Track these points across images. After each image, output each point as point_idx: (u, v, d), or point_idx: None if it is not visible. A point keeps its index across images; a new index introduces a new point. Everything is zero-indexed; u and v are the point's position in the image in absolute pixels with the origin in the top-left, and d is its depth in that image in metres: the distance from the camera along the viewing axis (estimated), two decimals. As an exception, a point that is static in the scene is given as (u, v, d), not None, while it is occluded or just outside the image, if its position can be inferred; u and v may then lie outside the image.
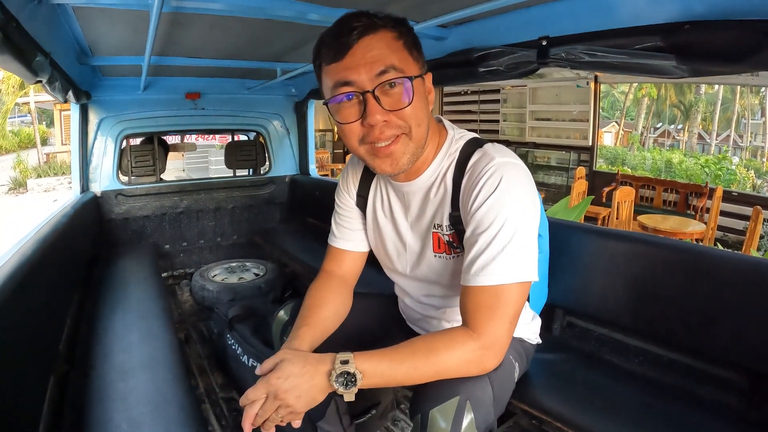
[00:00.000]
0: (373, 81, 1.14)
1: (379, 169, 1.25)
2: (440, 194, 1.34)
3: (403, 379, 1.12)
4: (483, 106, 11.79)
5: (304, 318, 1.40)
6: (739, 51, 1.40)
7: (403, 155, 1.22)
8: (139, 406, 1.58)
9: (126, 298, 2.55)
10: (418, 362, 1.11)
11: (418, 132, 1.21)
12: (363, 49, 1.14)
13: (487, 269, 1.14)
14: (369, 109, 1.15)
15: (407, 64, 1.17)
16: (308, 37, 2.56)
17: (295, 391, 1.08)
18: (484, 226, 1.17)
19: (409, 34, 1.22)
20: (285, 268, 4.13)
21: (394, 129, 1.18)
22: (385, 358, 1.11)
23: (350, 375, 1.08)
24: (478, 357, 1.13)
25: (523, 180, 1.21)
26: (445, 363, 1.12)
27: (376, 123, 1.16)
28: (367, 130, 1.18)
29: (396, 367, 1.11)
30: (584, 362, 1.96)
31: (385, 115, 1.16)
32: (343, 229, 1.59)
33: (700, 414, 1.59)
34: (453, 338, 1.14)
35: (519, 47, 2.00)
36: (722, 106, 25.96)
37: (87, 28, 2.27)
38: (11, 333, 1.41)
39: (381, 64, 1.13)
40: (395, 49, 1.16)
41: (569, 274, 2.07)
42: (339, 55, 1.15)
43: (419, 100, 1.19)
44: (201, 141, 16.04)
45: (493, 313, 1.14)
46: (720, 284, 1.68)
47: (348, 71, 1.15)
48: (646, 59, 1.62)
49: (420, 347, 1.14)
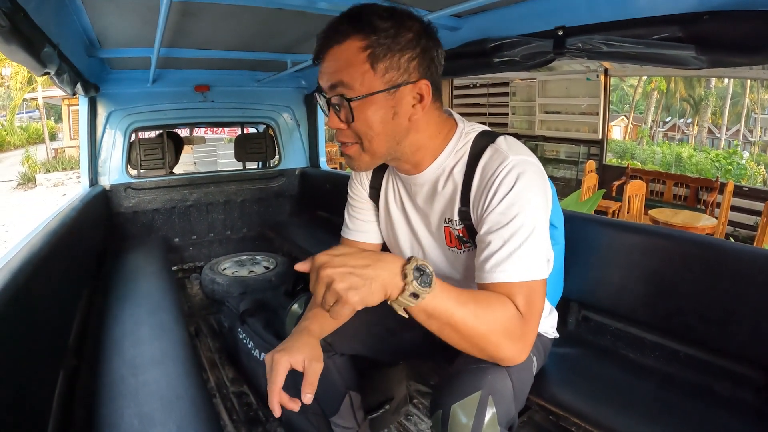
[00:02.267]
0: (329, 91, 1.21)
1: (347, 164, 1.33)
2: (449, 189, 1.32)
3: (459, 321, 1.03)
4: (492, 99, 11.80)
5: (315, 303, 1.38)
6: (758, 41, 1.39)
7: (358, 160, 1.28)
8: (151, 402, 1.57)
9: (136, 292, 2.54)
10: (478, 309, 1.05)
11: (370, 146, 1.23)
12: (328, 59, 1.19)
13: (506, 265, 1.13)
14: (329, 115, 1.23)
15: (362, 80, 1.15)
16: (318, 27, 2.50)
17: (348, 275, 0.94)
18: (500, 224, 1.15)
19: (384, 43, 1.15)
20: (295, 261, 4.10)
21: (347, 137, 1.25)
22: (453, 295, 1.03)
23: (426, 275, 0.98)
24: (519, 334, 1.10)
25: (539, 178, 1.20)
26: (496, 321, 1.06)
27: (334, 128, 1.24)
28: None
29: (459, 308, 1.03)
30: (600, 357, 1.94)
31: (339, 123, 1.23)
32: (356, 220, 1.58)
33: (716, 410, 1.57)
34: (506, 303, 1.10)
35: (534, 37, 1.97)
36: (732, 100, 25.82)
37: (95, 20, 2.26)
38: (21, 327, 1.39)
39: (333, 78, 1.18)
40: (353, 63, 1.15)
41: (585, 267, 2.04)
42: (317, 59, 1.23)
43: (374, 117, 1.18)
44: (210, 134, 16.08)
45: (530, 304, 1.12)
46: (739, 279, 1.65)
47: (320, 76, 1.23)
48: (664, 49, 1.61)
49: (480, 299, 1.08)
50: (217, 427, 1.63)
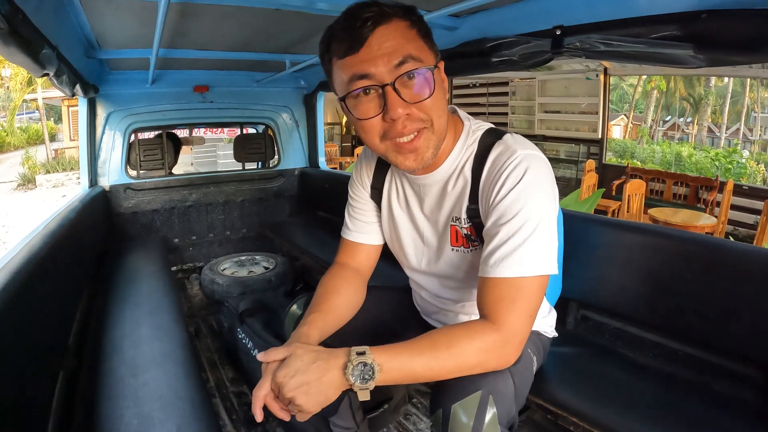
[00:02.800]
0: (392, 73, 1.09)
1: (402, 165, 1.21)
2: (459, 187, 1.31)
3: (422, 373, 1.07)
4: (492, 98, 11.78)
5: (315, 305, 1.38)
6: (756, 40, 1.38)
7: (427, 150, 1.18)
8: (150, 402, 1.57)
9: (136, 293, 2.55)
10: (438, 354, 1.06)
11: (439, 123, 1.17)
12: (378, 39, 1.08)
13: (507, 260, 1.12)
14: (390, 103, 1.10)
15: (424, 54, 1.13)
16: (317, 28, 2.52)
17: (304, 390, 1.01)
18: (507, 217, 1.15)
19: (421, 23, 1.17)
20: (295, 261, 4.13)
21: (416, 123, 1.14)
22: (404, 351, 1.06)
23: (367, 367, 1.01)
24: (499, 350, 1.10)
25: (546, 172, 1.19)
26: (465, 355, 1.07)
27: (399, 117, 1.11)
28: (389, 125, 1.14)
29: (415, 359, 1.06)
30: (598, 356, 1.94)
31: (407, 108, 1.11)
32: (357, 221, 1.57)
33: (716, 409, 1.57)
34: (473, 330, 1.10)
35: (533, 37, 1.97)
36: (732, 99, 25.83)
37: (94, 21, 2.26)
38: (21, 328, 1.40)
39: (399, 55, 1.08)
40: (410, 38, 1.12)
41: (584, 266, 2.05)
42: (354, 47, 1.10)
43: (439, 91, 1.15)
44: (209, 134, 16.08)
45: (514, 305, 1.11)
46: (738, 278, 1.66)
47: (365, 64, 1.09)
48: (662, 48, 1.60)
49: (439, 339, 1.09)
50: (217, 426, 1.63)
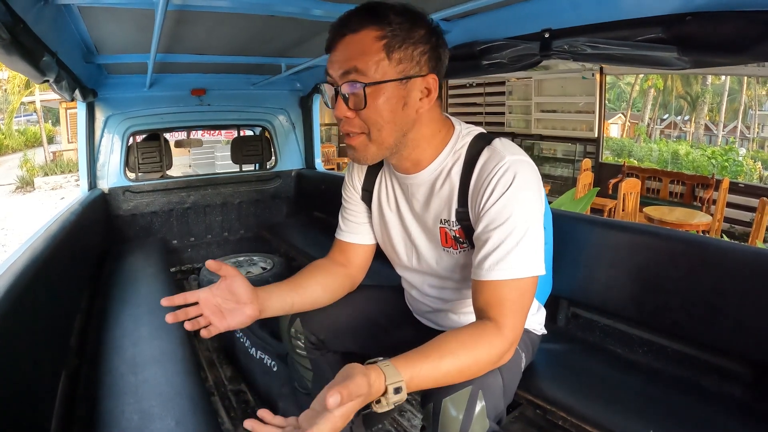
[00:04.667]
0: (340, 79, 1.20)
1: (349, 156, 1.33)
2: (446, 189, 1.34)
3: (444, 379, 1.09)
4: (488, 98, 11.78)
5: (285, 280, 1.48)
6: (741, 42, 1.40)
7: (363, 152, 1.28)
8: (150, 399, 1.60)
9: (135, 294, 2.57)
10: (457, 359, 1.08)
11: (378, 136, 1.24)
12: (341, 46, 1.20)
13: (503, 264, 1.16)
14: (336, 103, 1.23)
15: (375, 68, 1.17)
16: (312, 32, 2.57)
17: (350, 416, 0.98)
18: (498, 222, 1.19)
19: (399, 34, 1.19)
20: (292, 261, 4.14)
21: (353, 127, 1.24)
22: (427, 360, 1.06)
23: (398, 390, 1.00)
24: (504, 352, 1.15)
25: (534, 177, 1.23)
26: (479, 358, 1.10)
27: (340, 116, 1.24)
28: (339, 121, 1.26)
29: (438, 367, 1.06)
30: (589, 353, 1.98)
31: (347, 112, 1.23)
32: (350, 222, 1.61)
33: (704, 404, 1.60)
34: (481, 334, 1.13)
35: (522, 40, 2.00)
36: (729, 97, 25.76)
37: (93, 27, 2.29)
38: (24, 328, 1.43)
39: (346, 65, 1.18)
40: (368, 50, 1.17)
41: (573, 265, 2.08)
42: (328, 48, 1.24)
43: (384, 105, 1.20)
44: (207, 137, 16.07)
45: (511, 307, 1.16)
46: (723, 275, 1.69)
47: (329, 65, 1.23)
48: (648, 51, 1.63)
49: (453, 344, 1.11)
50: (215, 423, 1.66)
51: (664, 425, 1.46)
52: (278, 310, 1.42)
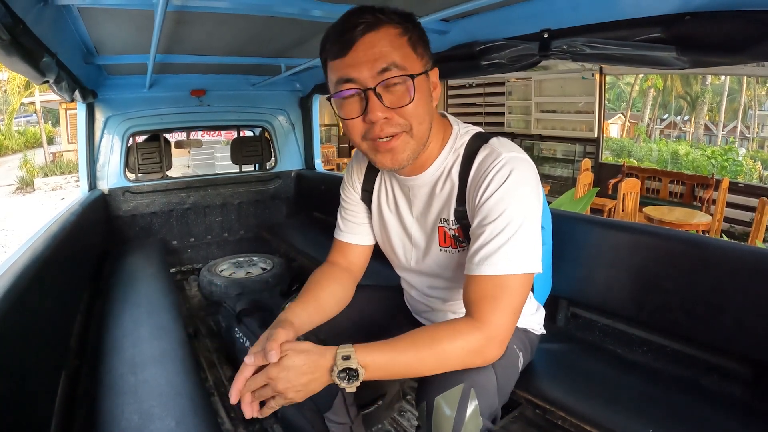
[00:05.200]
0: (375, 78, 1.14)
1: (380, 163, 1.26)
2: (446, 189, 1.35)
3: (406, 371, 1.13)
4: (488, 98, 11.78)
5: (299, 297, 1.43)
6: (739, 42, 1.40)
7: (403, 152, 1.23)
8: (150, 399, 1.61)
9: (135, 294, 2.58)
10: (421, 353, 1.11)
11: (419, 130, 1.22)
12: (365, 45, 1.14)
13: (492, 259, 1.16)
14: (370, 106, 1.15)
15: (410, 62, 1.17)
16: (312, 33, 2.57)
17: (294, 385, 1.07)
18: (491, 217, 1.19)
19: (415, 30, 1.21)
20: (292, 262, 4.15)
21: (394, 127, 1.19)
22: (387, 350, 1.11)
23: (352, 371, 1.07)
24: (481, 347, 1.14)
25: (531, 174, 1.23)
26: (448, 353, 1.12)
27: (377, 120, 1.17)
28: (369, 126, 1.19)
29: (398, 358, 1.11)
30: (588, 352, 1.97)
31: (386, 113, 1.17)
32: (349, 223, 1.61)
33: (704, 404, 1.60)
34: (456, 328, 1.15)
35: (521, 40, 2.00)
36: (729, 96, 25.75)
37: (92, 28, 2.29)
38: (24, 329, 1.43)
39: (383, 62, 1.13)
40: (398, 45, 1.16)
41: (573, 265, 2.08)
42: (342, 51, 1.15)
43: (422, 98, 1.19)
44: (207, 137, 16.08)
45: (497, 303, 1.15)
46: (723, 275, 1.69)
47: (350, 68, 1.15)
48: (647, 51, 1.63)
49: (422, 337, 1.14)
50: (215, 423, 1.67)
51: (664, 425, 1.46)
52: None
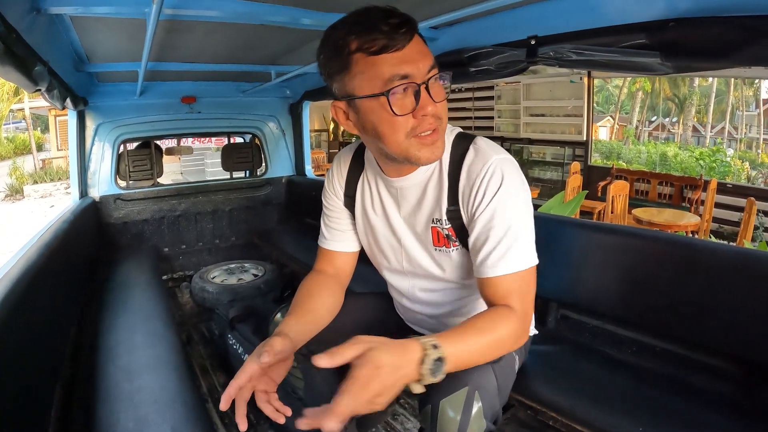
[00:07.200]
0: (425, 75, 1.15)
1: (424, 159, 1.23)
2: (436, 190, 1.36)
3: (474, 359, 1.14)
4: (477, 103, 11.85)
5: (291, 310, 1.41)
6: (722, 47, 1.42)
7: (441, 145, 1.25)
8: (145, 406, 1.61)
9: (128, 301, 2.57)
10: (484, 338, 1.14)
11: (443, 125, 1.24)
12: (415, 45, 1.15)
13: (507, 258, 1.22)
14: (423, 101, 1.16)
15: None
16: (302, 40, 2.59)
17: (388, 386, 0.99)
18: (494, 222, 1.24)
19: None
20: (284, 268, 4.15)
21: (436, 121, 1.20)
22: (459, 338, 1.11)
23: (441, 360, 1.03)
24: (522, 333, 1.22)
25: (518, 174, 1.28)
26: (504, 339, 1.18)
27: (428, 114, 1.17)
28: (419, 122, 1.18)
29: (471, 346, 1.11)
30: (579, 353, 2.00)
31: (435, 107, 1.18)
32: (333, 230, 1.60)
33: (694, 403, 1.62)
34: (504, 315, 1.20)
35: (508, 47, 2.03)
36: (716, 98, 25.88)
37: (84, 37, 2.29)
38: (18, 338, 1.43)
39: (430, 60, 1.16)
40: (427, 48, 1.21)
41: (562, 267, 2.10)
42: (390, 47, 1.13)
43: None
44: (197, 144, 16.04)
45: (522, 295, 1.23)
46: (710, 275, 1.72)
47: (405, 64, 1.13)
48: (632, 57, 1.65)
49: (483, 325, 1.16)
50: (210, 430, 1.67)
51: (654, 424, 1.48)
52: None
